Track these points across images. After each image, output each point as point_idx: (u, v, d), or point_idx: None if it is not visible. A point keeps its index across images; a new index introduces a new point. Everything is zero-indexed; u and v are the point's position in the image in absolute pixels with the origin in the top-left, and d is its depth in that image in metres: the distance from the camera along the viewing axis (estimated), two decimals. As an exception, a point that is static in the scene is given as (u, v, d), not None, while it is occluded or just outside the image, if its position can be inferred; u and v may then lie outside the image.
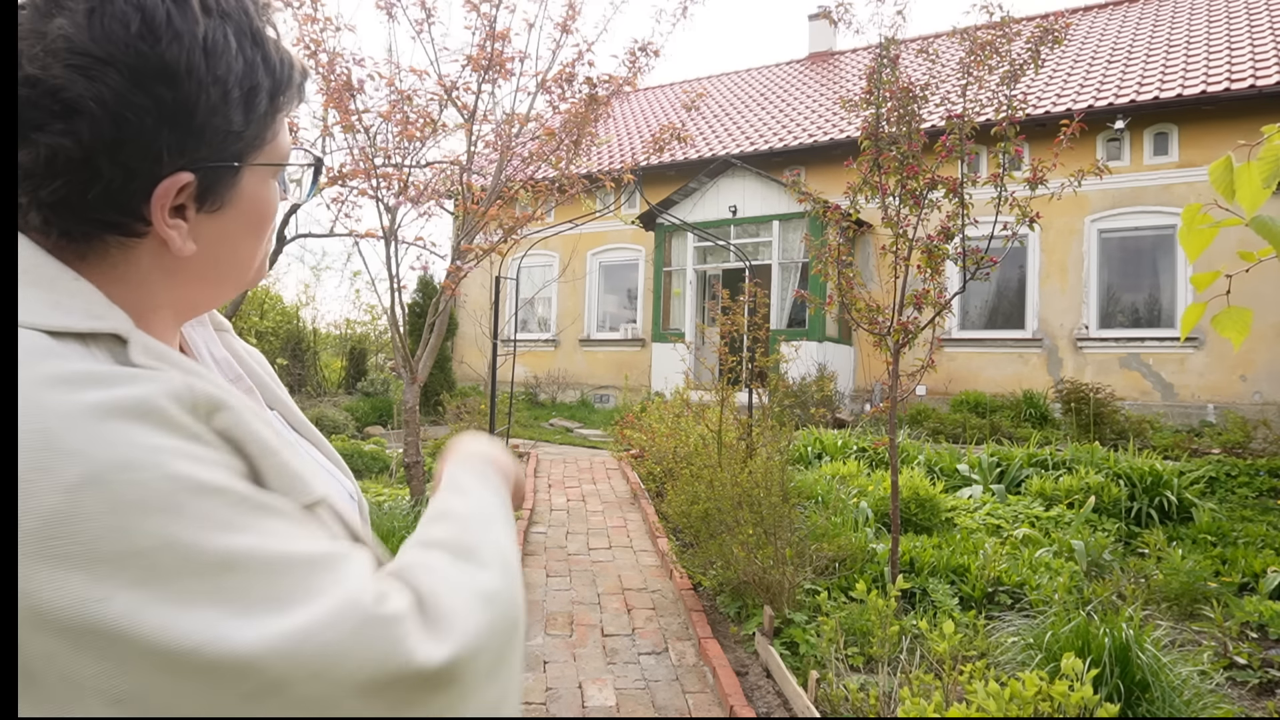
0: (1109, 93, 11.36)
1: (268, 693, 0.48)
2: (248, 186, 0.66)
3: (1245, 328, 1.01)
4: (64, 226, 0.59)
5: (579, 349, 15.74)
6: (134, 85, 0.56)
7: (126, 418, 0.51)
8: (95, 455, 0.48)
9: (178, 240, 0.62)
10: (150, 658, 0.47)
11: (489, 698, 0.57)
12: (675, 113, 16.79)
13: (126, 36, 0.56)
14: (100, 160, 0.57)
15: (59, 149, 0.56)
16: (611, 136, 16.99)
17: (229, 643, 0.47)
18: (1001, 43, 4.46)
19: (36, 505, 0.47)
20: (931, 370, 4.56)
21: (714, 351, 6.63)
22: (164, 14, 0.57)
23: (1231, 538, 5.68)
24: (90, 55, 0.55)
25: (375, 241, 5.47)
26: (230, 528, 0.51)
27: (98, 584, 0.47)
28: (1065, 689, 2.66)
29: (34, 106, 0.55)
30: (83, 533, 0.47)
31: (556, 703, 3.46)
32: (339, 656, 0.50)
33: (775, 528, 4.27)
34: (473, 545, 0.63)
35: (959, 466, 7.25)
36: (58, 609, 0.46)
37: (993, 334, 11.99)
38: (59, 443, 0.48)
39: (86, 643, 0.47)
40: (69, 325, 0.55)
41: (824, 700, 3.31)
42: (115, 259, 0.62)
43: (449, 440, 0.86)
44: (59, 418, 0.49)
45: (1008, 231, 4.45)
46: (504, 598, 0.61)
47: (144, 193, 0.59)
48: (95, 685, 0.47)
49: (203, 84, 0.59)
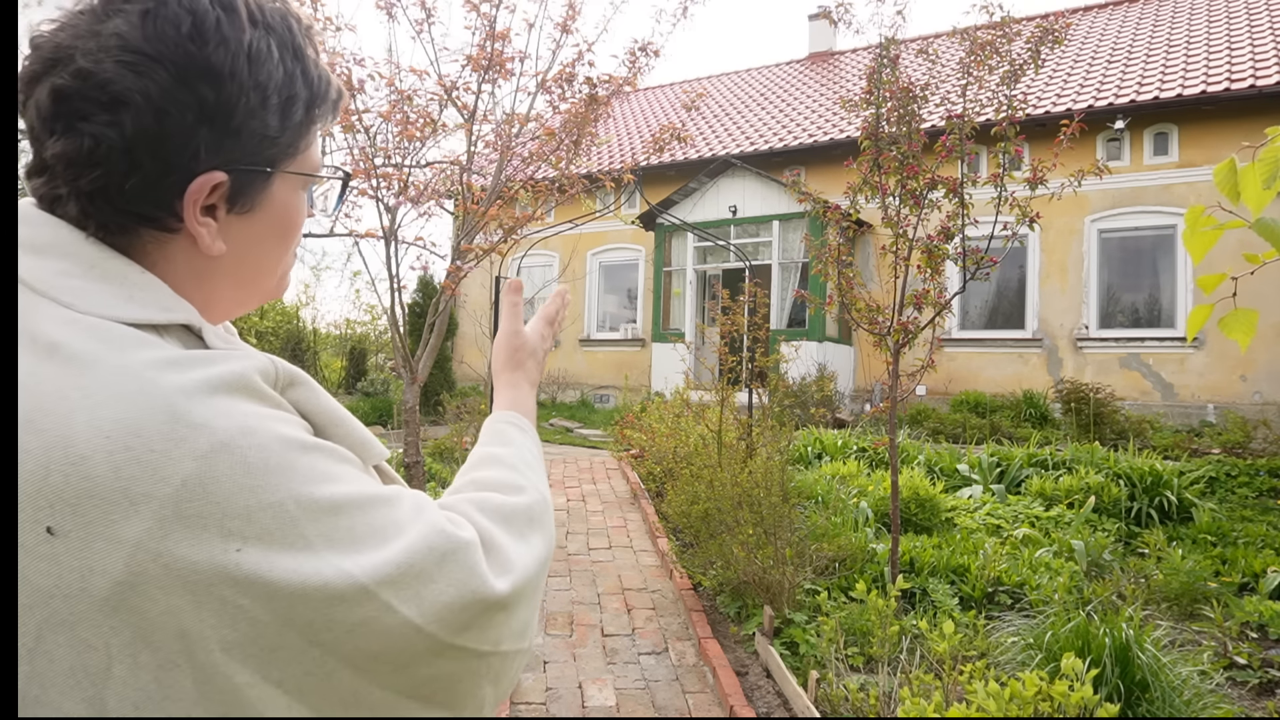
0: (1109, 93, 11.36)
1: (376, 615, 0.56)
2: (278, 193, 0.69)
3: (1251, 329, 1.00)
4: (101, 217, 0.62)
5: (579, 349, 15.74)
6: (179, 83, 0.60)
7: (231, 391, 0.57)
8: (219, 425, 0.54)
9: (206, 238, 0.65)
10: (279, 598, 0.53)
11: (526, 617, 0.68)
12: (675, 113, 16.78)
13: (177, 37, 0.60)
14: (140, 152, 0.60)
15: (102, 138, 0.59)
16: (611, 136, 16.98)
17: (350, 577, 0.55)
18: (1001, 43, 4.46)
19: (172, 473, 0.52)
20: (931, 370, 4.56)
21: (714, 351, 6.63)
22: (214, 20, 0.61)
23: (1231, 538, 5.68)
24: (142, 53, 0.59)
25: (375, 241, 5.46)
26: (331, 478, 0.58)
27: (232, 538, 0.52)
28: (1065, 689, 2.66)
29: (82, 98, 0.59)
30: (217, 493, 0.52)
31: (556, 703, 3.46)
32: (431, 580, 0.58)
33: (775, 528, 4.27)
34: (517, 486, 0.75)
35: (959, 466, 7.25)
36: (192, 564, 0.52)
37: (993, 334, 11.99)
38: (185, 416, 0.53)
39: (215, 593, 0.52)
40: (146, 317, 0.60)
41: (824, 700, 3.30)
42: (151, 255, 0.64)
43: (495, 356, 0.98)
44: (180, 394, 0.54)
45: (1008, 231, 4.45)
46: (546, 533, 0.74)
47: (179, 188, 0.62)
48: (213, 633, 0.52)
49: (244, 88, 0.63)
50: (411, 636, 0.57)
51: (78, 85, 0.59)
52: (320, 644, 0.55)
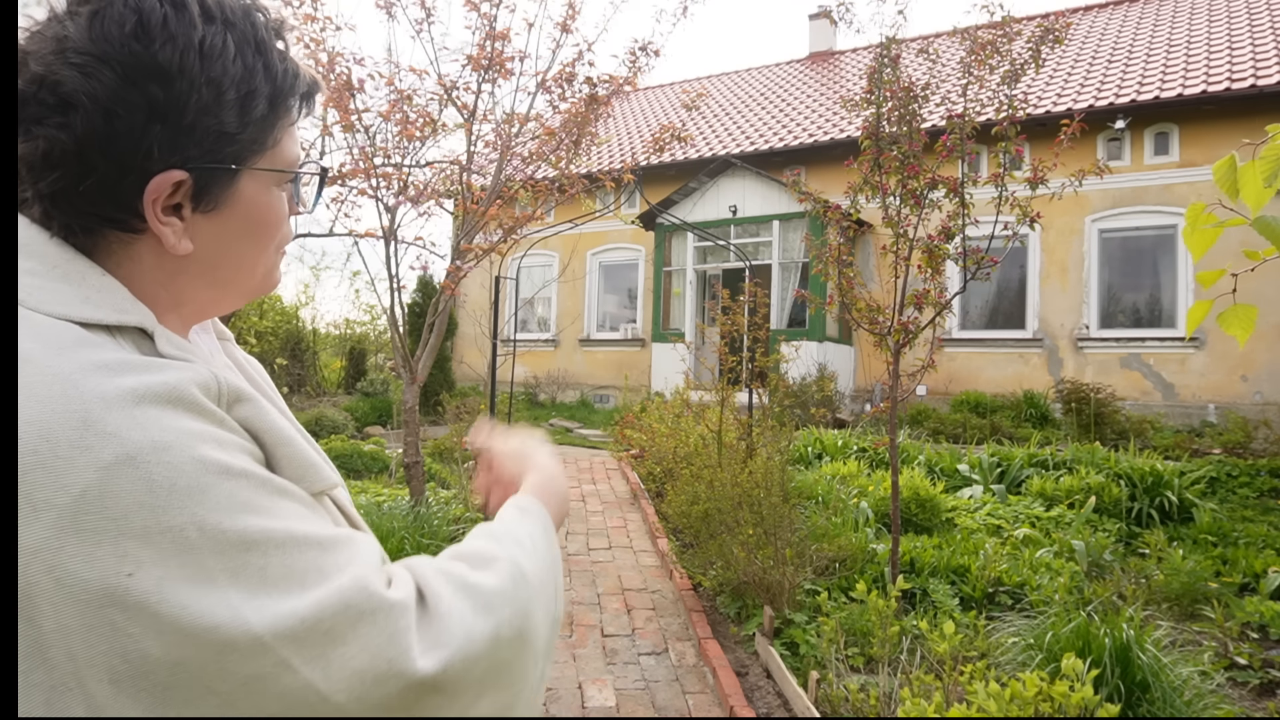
0: (1109, 92, 11.36)
1: (274, 673, 0.50)
2: (246, 190, 0.68)
3: (1250, 325, 1.00)
4: (62, 219, 0.62)
5: (579, 349, 15.73)
6: (126, 82, 0.60)
7: (159, 403, 0.54)
8: (130, 437, 0.51)
9: (171, 237, 0.64)
10: (169, 633, 0.49)
11: (488, 703, 0.59)
12: (675, 113, 16.78)
13: (121, 36, 0.60)
14: (92, 153, 0.60)
15: (55, 141, 0.59)
16: (611, 136, 16.98)
17: (245, 624, 0.50)
18: (1002, 42, 4.45)
19: (72, 481, 0.49)
20: (932, 370, 4.55)
21: (714, 351, 6.63)
22: (160, 17, 0.61)
23: (1232, 538, 5.67)
24: (88, 54, 0.59)
25: (375, 241, 5.46)
26: (251, 509, 0.53)
27: (126, 558, 0.49)
28: (1066, 689, 2.65)
29: (36, 102, 0.59)
30: (115, 508, 0.49)
31: (556, 703, 3.45)
32: (341, 641, 0.52)
33: (775, 528, 4.26)
34: (491, 557, 0.66)
35: (959, 467, 7.25)
36: (84, 581, 0.48)
37: (993, 334, 11.98)
38: (98, 424, 0.51)
39: (104, 616, 0.48)
40: (99, 318, 0.59)
41: (824, 701, 3.30)
42: (117, 256, 0.64)
43: (518, 449, 0.87)
44: (98, 400, 0.52)
45: (1008, 231, 4.44)
46: (511, 608, 0.63)
47: (137, 188, 0.62)
48: (102, 660, 0.49)
49: (195, 84, 0.62)
50: (315, 703, 0.51)
51: (32, 89, 0.59)
52: (217, 692, 0.50)
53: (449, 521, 5.46)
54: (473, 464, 0.75)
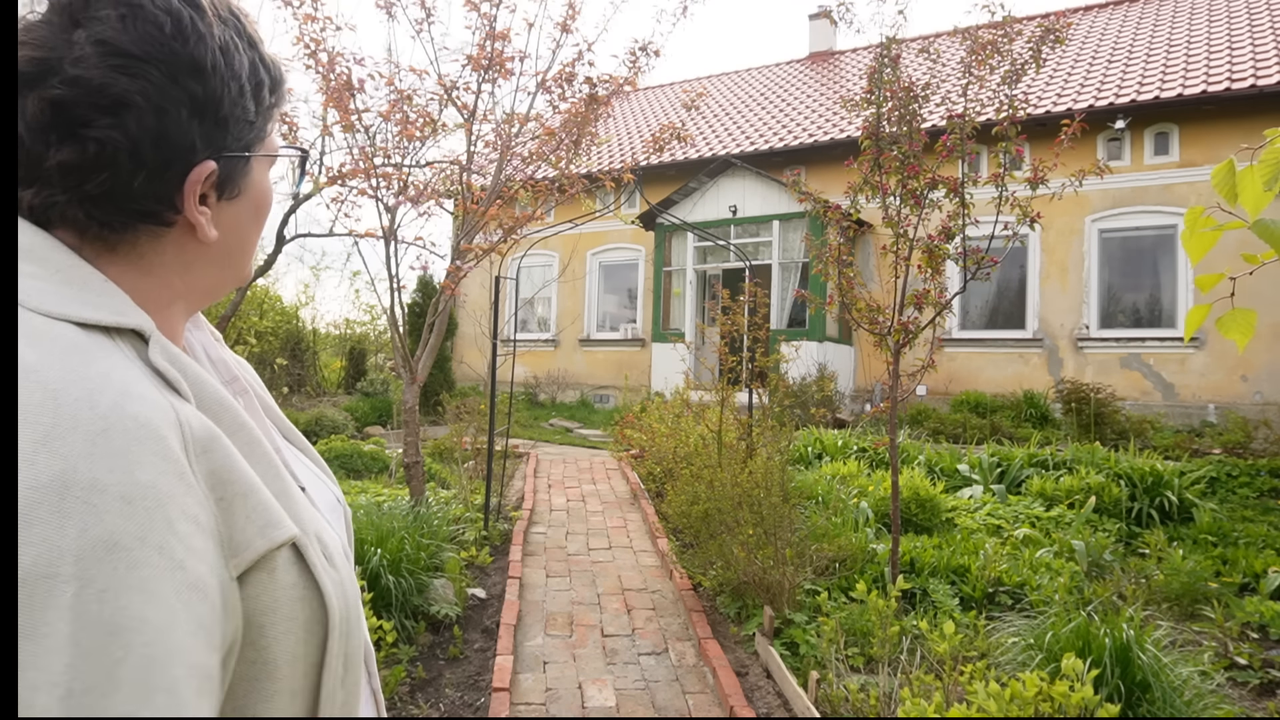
0: (1109, 92, 11.36)
1: None
2: (256, 175, 0.74)
3: (1250, 329, 1.00)
4: (105, 218, 0.64)
5: (579, 349, 15.73)
6: (171, 80, 0.63)
7: (128, 437, 0.53)
8: (76, 466, 0.50)
9: (205, 225, 0.68)
10: None
11: None
12: (675, 112, 16.78)
13: (161, 37, 0.63)
14: (145, 150, 0.63)
15: (108, 141, 0.61)
16: (611, 136, 16.98)
17: (41, 707, 0.45)
18: (1003, 42, 4.45)
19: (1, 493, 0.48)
20: (932, 370, 4.55)
21: (714, 351, 6.63)
22: (188, 18, 0.65)
23: (1232, 538, 5.68)
24: (130, 55, 0.61)
25: (375, 241, 5.46)
26: (149, 595, 0.50)
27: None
28: (1066, 689, 2.66)
29: (79, 105, 0.60)
30: (24, 534, 0.47)
31: (556, 703, 3.46)
32: None
33: (775, 528, 4.27)
34: None
35: (959, 466, 7.25)
36: None
37: (993, 334, 11.98)
38: (55, 444, 0.50)
39: None
40: (97, 319, 0.60)
41: (824, 701, 3.30)
42: (144, 250, 0.67)
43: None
44: (67, 419, 0.51)
45: (1008, 231, 4.44)
46: None
47: (178, 181, 0.66)
48: None
49: (224, 79, 0.67)
50: None
51: (74, 93, 0.60)
52: None
53: (449, 521, 5.46)
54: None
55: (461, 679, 3.68)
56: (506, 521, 6.13)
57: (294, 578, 0.63)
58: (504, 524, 6.05)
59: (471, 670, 3.77)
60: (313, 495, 0.76)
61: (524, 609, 4.50)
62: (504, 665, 3.71)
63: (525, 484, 7.61)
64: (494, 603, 4.58)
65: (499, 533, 5.84)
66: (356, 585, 0.73)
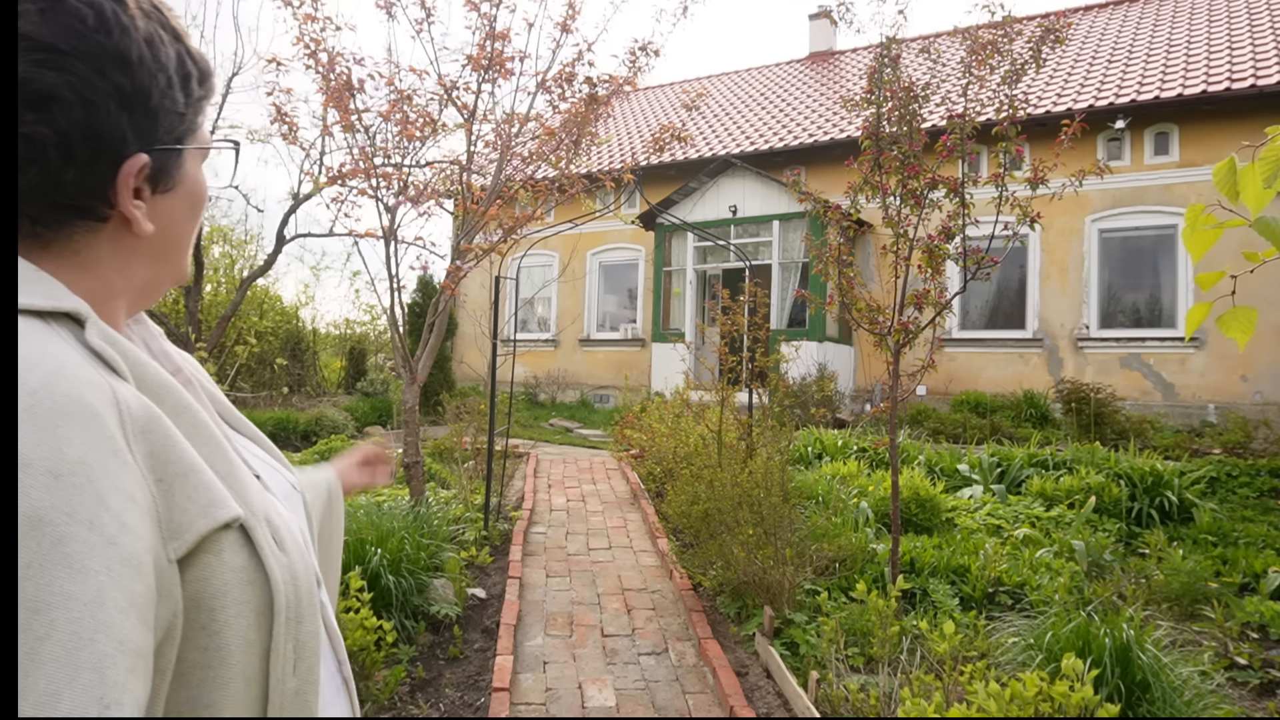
0: (1109, 92, 11.36)
1: None
2: (189, 168, 0.73)
3: (1250, 327, 1.00)
4: (35, 214, 0.63)
5: (579, 349, 15.73)
6: (97, 73, 0.62)
7: (57, 413, 0.53)
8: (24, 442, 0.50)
9: (140, 219, 0.67)
10: None
11: None
12: (675, 113, 16.78)
13: (84, 30, 0.62)
14: (74, 144, 0.62)
15: (35, 137, 0.60)
16: (611, 136, 16.99)
17: None
18: (1003, 42, 4.45)
19: None
20: (932, 370, 4.55)
21: (714, 351, 6.62)
22: (111, 10, 0.64)
23: (1232, 538, 5.67)
24: (53, 49, 0.60)
25: (375, 241, 5.46)
26: (76, 571, 0.49)
27: None
28: (1066, 689, 2.65)
29: None
30: None
31: (556, 703, 3.45)
32: None
33: (775, 528, 4.26)
34: None
35: (959, 466, 7.25)
36: None
37: (993, 334, 11.98)
38: None
39: None
40: (30, 304, 0.59)
41: (824, 701, 3.30)
42: (79, 245, 0.66)
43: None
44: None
45: (1008, 231, 4.44)
46: None
47: (110, 175, 0.65)
48: None
49: (151, 71, 0.66)
50: None
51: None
52: None
53: (449, 521, 5.46)
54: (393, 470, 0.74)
55: (461, 679, 3.67)
56: (506, 521, 6.13)
57: (243, 560, 0.63)
58: (504, 524, 6.05)
59: (471, 670, 3.77)
60: (267, 482, 0.76)
61: (524, 609, 4.50)
62: (504, 665, 3.71)
63: (525, 484, 7.61)
64: (494, 603, 4.58)
65: (499, 533, 5.84)
66: (312, 570, 0.72)
